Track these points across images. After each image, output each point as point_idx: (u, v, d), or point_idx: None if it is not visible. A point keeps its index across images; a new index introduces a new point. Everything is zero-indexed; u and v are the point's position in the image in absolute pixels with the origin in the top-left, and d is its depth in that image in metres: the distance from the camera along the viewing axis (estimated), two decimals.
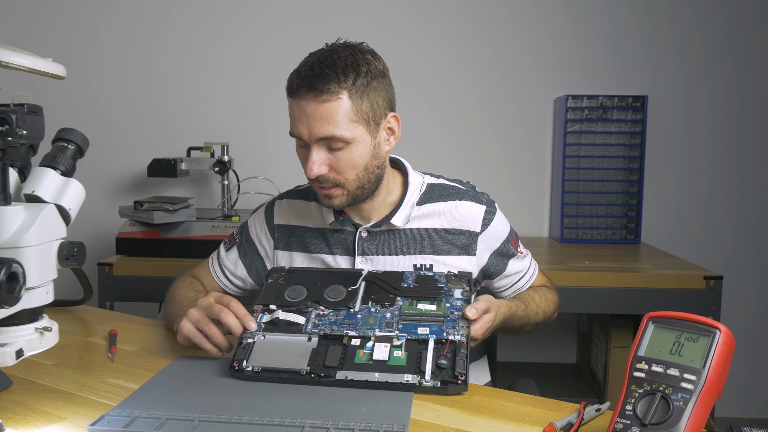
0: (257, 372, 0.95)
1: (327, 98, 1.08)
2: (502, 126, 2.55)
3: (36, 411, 0.89)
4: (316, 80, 1.08)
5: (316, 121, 1.09)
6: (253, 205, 2.29)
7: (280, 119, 2.61)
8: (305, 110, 1.09)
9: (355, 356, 0.95)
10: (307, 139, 1.11)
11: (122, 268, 2.00)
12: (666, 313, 0.77)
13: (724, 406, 2.49)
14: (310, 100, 1.08)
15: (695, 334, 0.74)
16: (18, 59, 0.75)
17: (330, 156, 1.12)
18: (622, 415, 0.73)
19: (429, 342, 0.96)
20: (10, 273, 0.72)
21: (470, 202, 1.25)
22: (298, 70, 1.11)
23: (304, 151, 1.14)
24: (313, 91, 1.08)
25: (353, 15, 2.51)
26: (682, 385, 0.72)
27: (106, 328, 1.24)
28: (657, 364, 0.74)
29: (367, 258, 1.24)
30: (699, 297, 1.90)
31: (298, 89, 1.09)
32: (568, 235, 2.43)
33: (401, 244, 1.23)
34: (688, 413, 0.70)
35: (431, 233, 1.24)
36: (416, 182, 1.27)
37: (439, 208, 1.25)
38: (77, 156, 0.94)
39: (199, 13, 2.53)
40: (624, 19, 2.49)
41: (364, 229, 1.24)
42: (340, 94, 1.08)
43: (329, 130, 1.09)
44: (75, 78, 2.52)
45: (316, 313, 1.04)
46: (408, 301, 1.05)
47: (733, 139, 2.53)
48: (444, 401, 0.91)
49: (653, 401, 0.72)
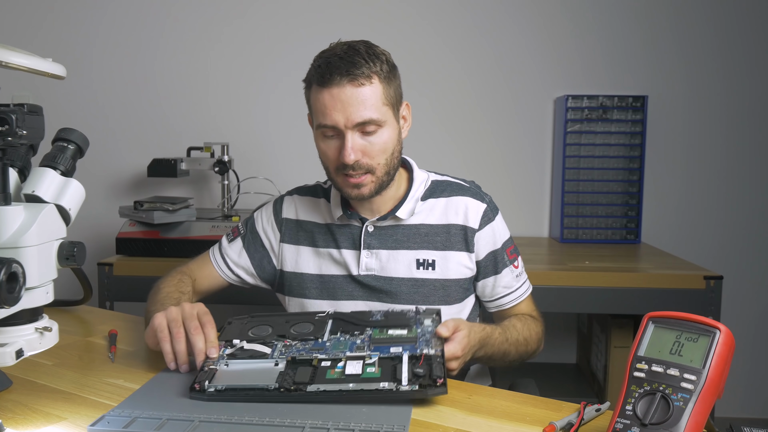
0: (220, 391, 0.88)
1: (363, 82, 1.13)
2: (502, 126, 2.55)
3: (36, 411, 0.89)
4: (350, 67, 1.12)
5: (353, 106, 1.12)
6: (253, 205, 2.29)
7: (280, 119, 2.62)
8: (340, 97, 1.12)
9: (326, 374, 0.90)
10: (343, 125, 1.13)
11: (122, 268, 2.00)
12: (666, 313, 0.77)
13: (724, 406, 2.49)
14: (345, 85, 1.12)
15: (695, 334, 0.74)
16: (18, 59, 0.75)
17: (362, 141, 1.15)
18: (622, 415, 0.73)
19: (403, 357, 0.93)
20: (10, 273, 0.72)
21: (471, 198, 1.28)
22: (324, 63, 1.14)
23: (334, 142, 1.17)
24: (349, 76, 1.11)
25: (353, 15, 2.51)
26: (682, 385, 0.71)
27: (106, 328, 1.24)
28: (657, 364, 0.74)
29: (372, 252, 1.26)
30: (699, 297, 1.90)
31: (331, 77, 1.12)
32: (568, 235, 2.43)
33: (405, 239, 1.26)
34: (688, 413, 0.70)
35: (434, 229, 1.26)
36: (421, 178, 1.30)
37: (441, 203, 1.28)
38: (77, 156, 0.94)
39: (199, 13, 2.53)
40: (624, 19, 2.49)
41: (371, 224, 1.26)
42: (372, 79, 1.14)
43: (366, 114, 1.13)
44: (75, 78, 2.52)
45: (283, 344, 0.99)
46: (378, 330, 1.02)
47: (733, 139, 2.53)
48: (444, 401, 0.91)
49: (653, 401, 0.72)
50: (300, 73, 1.24)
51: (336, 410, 0.86)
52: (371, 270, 1.26)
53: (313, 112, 1.19)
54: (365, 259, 1.26)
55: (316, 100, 1.16)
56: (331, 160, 1.19)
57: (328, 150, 1.18)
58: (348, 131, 1.14)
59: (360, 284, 1.26)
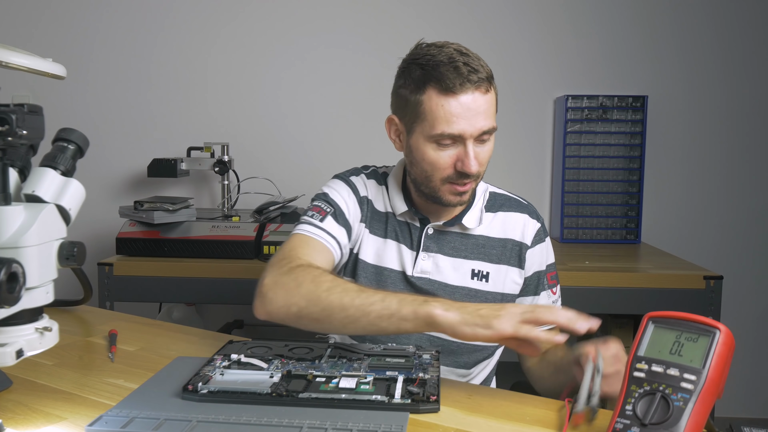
0: (213, 392, 0.90)
1: (487, 89, 1.12)
2: (502, 126, 2.51)
3: (36, 411, 0.89)
4: (478, 74, 1.10)
5: (481, 115, 1.10)
6: (253, 205, 2.29)
7: (280, 119, 2.62)
8: (469, 105, 1.09)
9: (319, 387, 0.91)
10: (469, 134, 1.11)
11: (122, 268, 2.00)
12: (666, 313, 0.77)
13: (724, 406, 2.49)
14: (474, 93, 1.09)
15: (695, 334, 0.74)
16: (18, 59, 0.75)
17: (477, 149, 1.14)
18: (622, 415, 0.73)
19: (398, 378, 0.94)
20: (10, 273, 0.72)
21: (528, 216, 1.29)
22: (448, 68, 1.09)
23: (450, 150, 1.13)
24: (476, 84, 1.09)
25: (353, 15, 2.51)
26: (681, 385, 0.71)
27: (106, 328, 1.24)
28: (657, 364, 0.74)
29: (430, 255, 1.23)
30: (699, 297, 1.90)
31: (462, 85, 1.08)
32: (568, 235, 2.43)
33: (463, 247, 1.24)
34: (688, 413, 0.70)
35: (491, 242, 1.25)
36: (481, 188, 1.30)
37: (500, 217, 1.28)
38: (77, 156, 0.93)
39: (198, 12, 2.53)
40: (624, 19, 2.49)
41: (432, 226, 1.24)
42: (491, 85, 1.13)
43: (488, 123, 1.12)
44: (75, 78, 2.52)
45: (279, 361, 1.01)
46: (376, 358, 1.03)
47: (733, 139, 2.53)
48: (444, 401, 0.91)
49: (653, 401, 0.72)
50: (301, 73, 1.24)
51: (334, 411, 0.86)
52: (426, 273, 1.23)
53: (427, 119, 1.11)
54: (422, 261, 1.23)
55: (439, 107, 1.09)
56: (442, 169, 1.14)
57: (441, 159, 1.13)
58: (470, 140, 1.11)
59: (412, 286, 1.23)
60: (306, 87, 2.53)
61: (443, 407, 0.89)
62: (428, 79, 1.10)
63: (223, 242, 2.02)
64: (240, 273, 1.95)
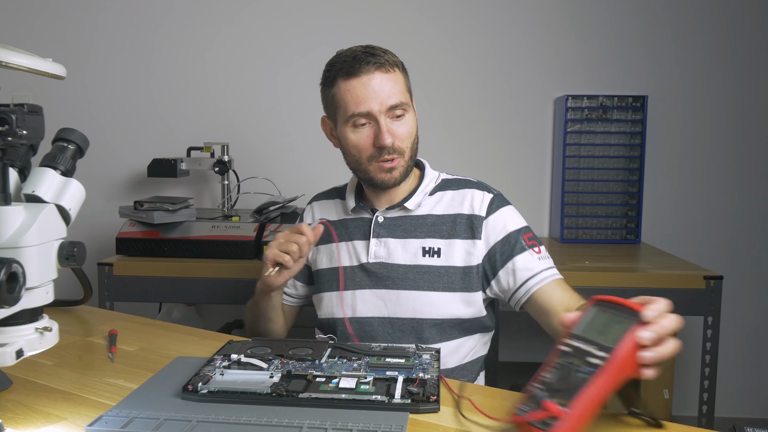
0: (213, 392, 0.90)
1: (390, 69, 1.23)
2: (502, 126, 2.55)
3: (36, 411, 0.89)
4: (377, 58, 1.22)
5: (385, 91, 1.21)
6: (253, 205, 2.30)
7: (280, 119, 2.61)
8: (372, 84, 1.21)
9: (319, 387, 0.92)
10: (378, 111, 1.21)
11: (122, 268, 2.00)
12: (609, 297, 0.82)
13: (725, 406, 2.48)
14: (375, 72, 1.21)
15: (623, 317, 0.78)
16: (18, 59, 0.75)
17: (392, 125, 1.23)
18: (537, 380, 0.78)
19: (398, 378, 0.94)
20: (10, 273, 0.72)
21: (478, 190, 1.33)
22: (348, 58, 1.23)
23: (366, 130, 1.24)
24: (378, 65, 1.21)
25: (353, 14, 2.51)
26: (589, 360, 0.75)
27: (106, 328, 1.24)
28: (582, 341, 0.78)
29: (381, 240, 1.31)
30: (699, 297, 1.90)
31: (361, 67, 1.21)
32: (568, 235, 2.43)
33: (412, 228, 1.31)
34: (587, 384, 0.74)
35: (441, 219, 1.31)
36: (432, 176, 1.37)
37: (448, 195, 1.33)
38: (77, 156, 0.93)
39: (198, 12, 2.53)
40: (624, 19, 2.49)
41: (381, 214, 1.32)
42: (396, 68, 1.25)
43: (398, 97, 1.23)
44: (75, 78, 2.53)
45: (280, 361, 1.01)
46: (376, 358, 1.03)
47: (733, 139, 2.53)
48: (444, 401, 0.91)
49: (564, 371, 0.77)
50: (300, 73, 1.26)
51: (334, 411, 0.86)
52: (379, 258, 1.30)
53: (341, 106, 1.24)
54: (374, 247, 1.31)
55: (346, 92, 1.22)
56: (364, 149, 1.25)
57: (361, 139, 1.24)
58: (381, 116, 1.22)
59: (368, 272, 1.30)
60: (306, 86, 2.52)
61: (443, 407, 0.89)
62: (336, 72, 1.24)
63: (223, 242, 2.02)
64: (240, 273, 1.95)
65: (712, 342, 1.93)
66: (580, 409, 0.73)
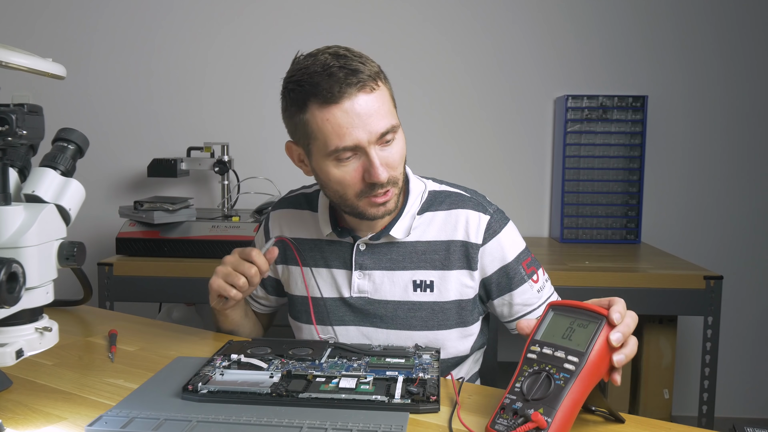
0: (213, 392, 0.90)
1: (374, 87, 1.01)
2: (502, 126, 2.55)
3: (36, 411, 0.89)
4: (357, 75, 0.99)
5: (373, 117, 1.00)
6: (253, 205, 2.30)
7: (280, 119, 2.60)
8: (356, 111, 0.99)
9: (319, 387, 0.91)
10: (366, 142, 1.00)
11: (122, 268, 2.00)
12: (565, 301, 0.84)
13: (724, 406, 2.48)
14: (357, 95, 0.99)
15: (586, 321, 0.79)
16: (18, 59, 0.75)
17: (384, 154, 1.03)
18: (512, 392, 0.79)
19: (398, 378, 0.94)
20: (10, 273, 0.72)
21: (472, 210, 1.15)
22: (321, 77, 0.99)
23: (352, 164, 1.03)
24: (357, 85, 0.99)
25: (353, 14, 2.51)
26: (564, 366, 0.76)
27: (106, 328, 1.24)
28: (548, 347, 0.79)
29: (365, 273, 1.16)
30: (699, 297, 1.90)
31: (342, 91, 0.98)
32: (568, 235, 2.43)
33: (400, 258, 1.15)
34: (567, 391, 0.75)
35: (432, 246, 1.14)
36: (418, 190, 1.18)
37: (440, 217, 1.16)
38: (77, 156, 0.94)
39: (198, 12, 2.53)
40: (624, 19, 2.49)
41: (363, 242, 1.15)
42: (378, 81, 1.02)
43: (388, 121, 1.02)
44: (75, 78, 2.52)
45: (279, 361, 1.01)
46: (376, 358, 1.03)
47: (733, 139, 2.53)
48: (444, 401, 0.91)
49: (538, 379, 0.77)
50: None
51: (334, 411, 0.86)
52: (364, 292, 1.16)
53: (318, 138, 1.02)
54: (357, 280, 1.15)
55: (324, 122, 1.00)
56: (351, 185, 1.04)
57: (347, 175, 1.03)
58: (371, 146, 1.01)
59: (351, 308, 1.17)
60: None
61: (443, 407, 0.89)
62: (306, 95, 1.01)
63: (223, 242, 2.02)
64: None
65: (712, 342, 1.93)
66: (564, 416, 0.74)
